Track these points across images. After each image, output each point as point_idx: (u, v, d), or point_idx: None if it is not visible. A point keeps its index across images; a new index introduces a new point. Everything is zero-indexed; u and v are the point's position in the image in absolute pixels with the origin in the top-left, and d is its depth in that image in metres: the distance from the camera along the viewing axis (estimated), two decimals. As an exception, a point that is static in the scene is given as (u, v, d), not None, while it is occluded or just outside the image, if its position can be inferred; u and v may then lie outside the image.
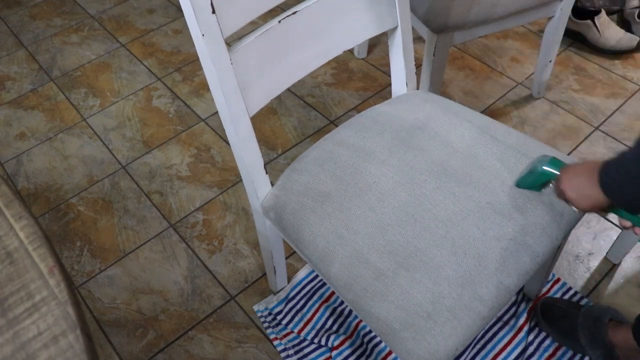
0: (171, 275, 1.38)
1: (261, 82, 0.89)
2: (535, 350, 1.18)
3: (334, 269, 0.86)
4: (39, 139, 1.74)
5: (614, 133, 1.61)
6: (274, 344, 1.24)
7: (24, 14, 2.25)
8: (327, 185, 0.93)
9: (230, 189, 1.55)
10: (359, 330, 1.23)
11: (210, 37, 0.77)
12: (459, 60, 1.88)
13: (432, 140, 0.97)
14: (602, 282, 1.29)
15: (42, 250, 0.57)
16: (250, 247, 1.42)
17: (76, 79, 1.94)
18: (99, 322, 1.31)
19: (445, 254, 0.83)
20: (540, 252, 0.85)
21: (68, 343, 0.50)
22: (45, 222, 1.52)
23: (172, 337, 1.27)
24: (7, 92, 1.91)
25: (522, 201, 0.88)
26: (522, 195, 0.88)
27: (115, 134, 1.74)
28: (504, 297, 0.81)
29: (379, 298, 0.81)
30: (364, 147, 0.98)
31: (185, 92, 1.85)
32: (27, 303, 0.53)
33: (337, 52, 0.98)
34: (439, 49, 1.36)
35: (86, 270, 1.40)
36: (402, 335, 0.78)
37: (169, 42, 2.06)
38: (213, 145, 1.68)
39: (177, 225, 1.48)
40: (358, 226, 0.87)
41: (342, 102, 1.77)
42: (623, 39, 1.80)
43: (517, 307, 1.24)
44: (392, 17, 1.01)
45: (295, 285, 1.32)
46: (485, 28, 1.37)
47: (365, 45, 1.89)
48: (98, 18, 2.20)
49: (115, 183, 1.60)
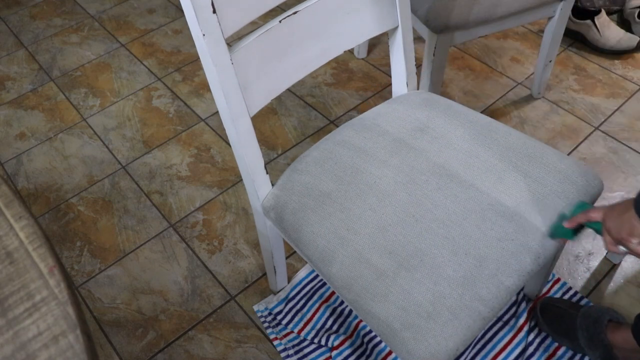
0: (171, 275, 1.38)
1: (261, 82, 0.89)
2: (535, 350, 1.18)
3: (334, 269, 0.86)
4: (39, 139, 1.74)
5: (613, 133, 1.61)
6: (274, 344, 1.23)
7: (24, 14, 2.25)
8: (328, 185, 0.93)
9: (230, 189, 1.55)
10: (359, 330, 1.23)
11: (210, 37, 0.77)
12: (459, 60, 1.88)
13: (432, 140, 0.97)
14: (602, 282, 1.29)
15: (42, 250, 0.57)
16: (250, 247, 1.42)
17: (76, 79, 1.94)
18: (99, 322, 1.31)
19: (446, 254, 0.83)
20: (540, 252, 0.85)
21: (68, 343, 0.50)
22: (45, 222, 1.52)
23: (172, 337, 1.27)
24: (7, 92, 1.91)
25: (522, 202, 0.88)
26: (523, 196, 0.88)
27: (115, 134, 1.74)
28: (504, 298, 0.81)
29: (380, 298, 0.81)
30: (365, 148, 0.97)
31: (185, 92, 1.85)
32: (27, 303, 0.53)
33: (337, 52, 0.98)
34: (439, 49, 1.36)
35: (86, 270, 1.40)
36: (402, 336, 0.78)
37: (169, 42, 2.06)
38: (213, 145, 1.68)
39: (177, 225, 1.48)
40: (358, 226, 0.87)
41: (342, 102, 1.77)
42: (623, 39, 1.80)
43: (517, 307, 1.23)
44: (392, 17, 1.01)
45: (295, 285, 1.32)
46: (485, 28, 1.37)
47: (365, 45, 1.89)
48: (98, 18, 2.20)
49: (115, 183, 1.60)
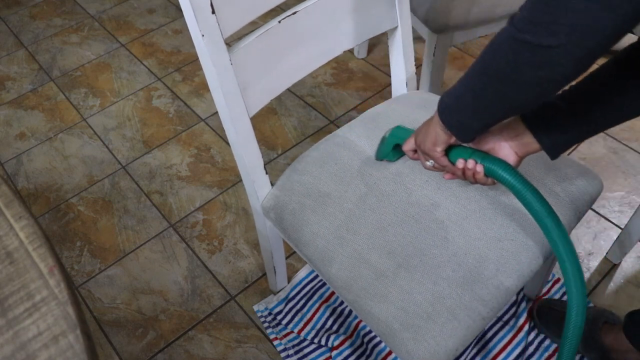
0: (171, 275, 1.38)
1: (261, 82, 0.89)
2: (535, 350, 1.18)
3: (334, 269, 0.86)
4: (39, 139, 1.74)
5: (614, 133, 1.61)
6: (274, 344, 1.24)
7: (24, 14, 2.25)
8: (328, 185, 0.93)
9: (230, 189, 1.56)
10: (359, 330, 1.23)
11: (210, 38, 0.77)
12: (459, 60, 1.88)
13: (432, 140, 0.97)
14: (602, 282, 1.29)
15: (42, 250, 0.57)
16: (250, 247, 1.42)
17: (76, 79, 1.94)
18: (99, 322, 1.31)
19: (445, 254, 0.83)
20: (540, 253, 0.85)
21: (68, 343, 0.50)
22: (45, 222, 1.52)
23: (172, 337, 1.27)
24: (7, 92, 1.91)
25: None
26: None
27: (115, 134, 1.74)
28: (504, 298, 0.81)
29: (379, 298, 0.81)
30: (365, 148, 0.98)
31: (185, 92, 1.85)
32: (27, 303, 0.53)
33: (337, 52, 0.98)
34: (439, 49, 1.36)
35: (86, 270, 1.40)
36: (402, 336, 0.78)
37: (169, 42, 2.06)
38: (213, 145, 1.68)
39: (177, 225, 1.48)
40: (358, 226, 0.87)
41: (342, 102, 1.77)
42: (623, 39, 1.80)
43: (517, 307, 1.23)
44: (392, 17, 1.01)
45: (295, 285, 1.32)
46: (485, 28, 1.37)
47: (365, 45, 1.89)
48: (98, 18, 2.20)
49: (115, 183, 1.60)
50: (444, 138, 0.73)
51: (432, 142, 0.75)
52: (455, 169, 0.77)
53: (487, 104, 0.64)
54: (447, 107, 0.70)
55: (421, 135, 0.77)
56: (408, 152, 0.84)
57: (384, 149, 0.90)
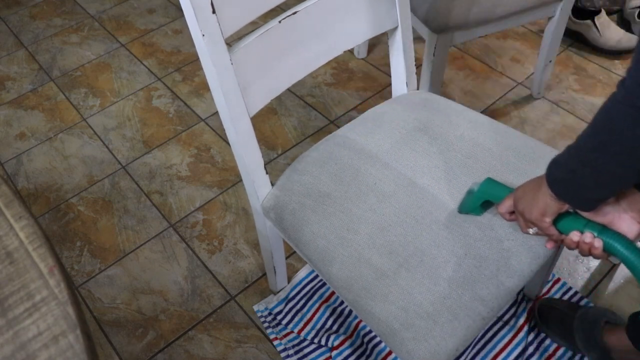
0: (171, 275, 1.38)
1: (261, 82, 0.89)
2: (535, 350, 1.18)
3: (334, 269, 0.86)
4: (39, 139, 1.74)
5: None
6: (274, 344, 1.24)
7: (24, 14, 2.25)
8: (328, 185, 0.93)
9: (230, 189, 1.55)
10: (359, 330, 1.23)
11: (210, 37, 0.77)
12: (459, 60, 1.88)
13: (432, 140, 0.97)
14: (602, 282, 1.29)
15: (42, 250, 0.57)
16: (250, 247, 1.42)
17: (76, 79, 1.94)
18: (99, 322, 1.31)
19: (446, 254, 0.83)
20: (541, 253, 0.85)
21: (68, 343, 0.50)
22: (45, 222, 1.52)
23: (172, 337, 1.27)
24: (7, 92, 1.91)
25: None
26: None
27: (115, 134, 1.74)
28: (504, 298, 0.81)
29: (380, 298, 0.81)
30: (365, 148, 0.98)
31: (185, 92, 1.85)
32: (27, 303, 0.53)
33: (337, 52, 0.98)
34: (439, 49, 1.36)
35: (86, 270, 1.40)
36: (402, 336, 0.78)
37: (169, 42, 2.06)
38: (213, 145, 1.68)
39: (177, 225, 1.48)
40: (358, 226, 0.87)
41: (342, 102, 1.77)
42: (623, 39, 1.80)
43: (517, 307, 1.23)
44: (392, 17, 1.01)
45: (295, 285, 1.32)
46: (485, 28, 1.37)
47: (365, 45, 1.89)
48: (98, 18, 2.20)
49: (115, 183, 1.60)
50: (555, 209, 0.68)
51: (541, 213, 0.69)
52: (567, 240, 0.70)
53: (611, 176, 0.60)
54: (561, 180, 0.65)
55: (525, 202, 0.72)
56: (504, 214, 0.78)
57: (472, 203, 0.84)
